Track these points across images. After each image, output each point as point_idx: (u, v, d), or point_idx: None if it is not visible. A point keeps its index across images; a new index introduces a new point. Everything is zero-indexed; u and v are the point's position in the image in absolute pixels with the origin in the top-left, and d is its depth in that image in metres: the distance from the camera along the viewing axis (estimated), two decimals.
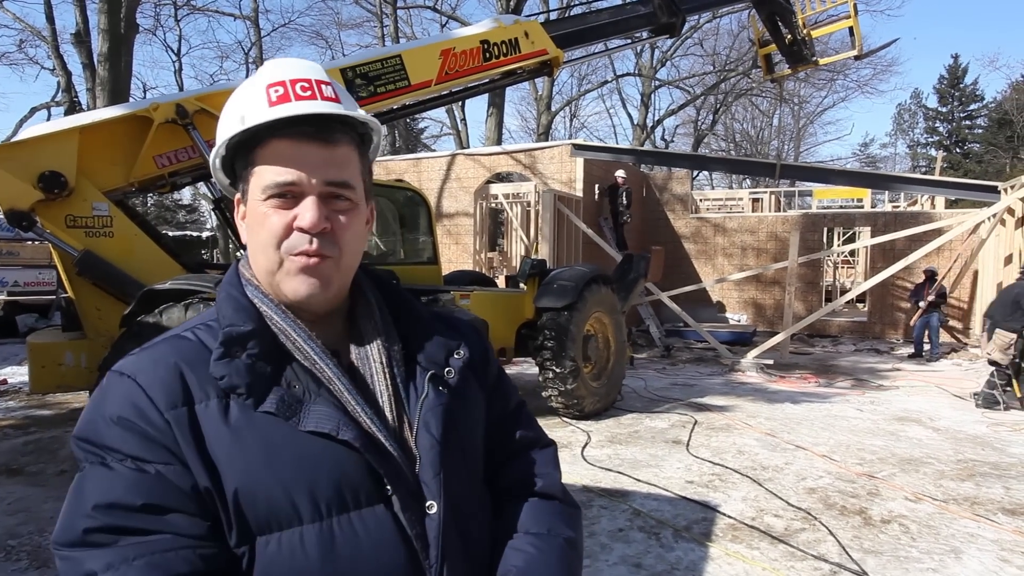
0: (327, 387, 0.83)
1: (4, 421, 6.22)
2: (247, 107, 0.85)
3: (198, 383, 0.80)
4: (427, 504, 0.84)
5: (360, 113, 0.90)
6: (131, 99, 12.97)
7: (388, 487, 0.82)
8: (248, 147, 0.85)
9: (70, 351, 4.72)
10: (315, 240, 0.83)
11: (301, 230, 0.82)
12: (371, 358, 0.90)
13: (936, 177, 13.59)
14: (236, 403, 0.79)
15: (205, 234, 26.43)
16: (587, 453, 5.24)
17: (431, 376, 0.92)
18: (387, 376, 0.90)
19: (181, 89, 26.32)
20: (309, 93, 0.85)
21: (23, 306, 12.16)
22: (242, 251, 0.95)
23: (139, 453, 0.76)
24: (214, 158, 0.91)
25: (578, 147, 12.56)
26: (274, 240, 0.83)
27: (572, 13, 7.53)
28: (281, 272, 0.84)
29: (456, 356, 0.96)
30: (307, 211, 0.82)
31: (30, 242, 11.50)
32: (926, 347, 10.84)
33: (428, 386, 0.91)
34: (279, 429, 0.79)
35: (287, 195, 0.82)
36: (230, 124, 0.87)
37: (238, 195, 0.90)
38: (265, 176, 0.83)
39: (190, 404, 0.79)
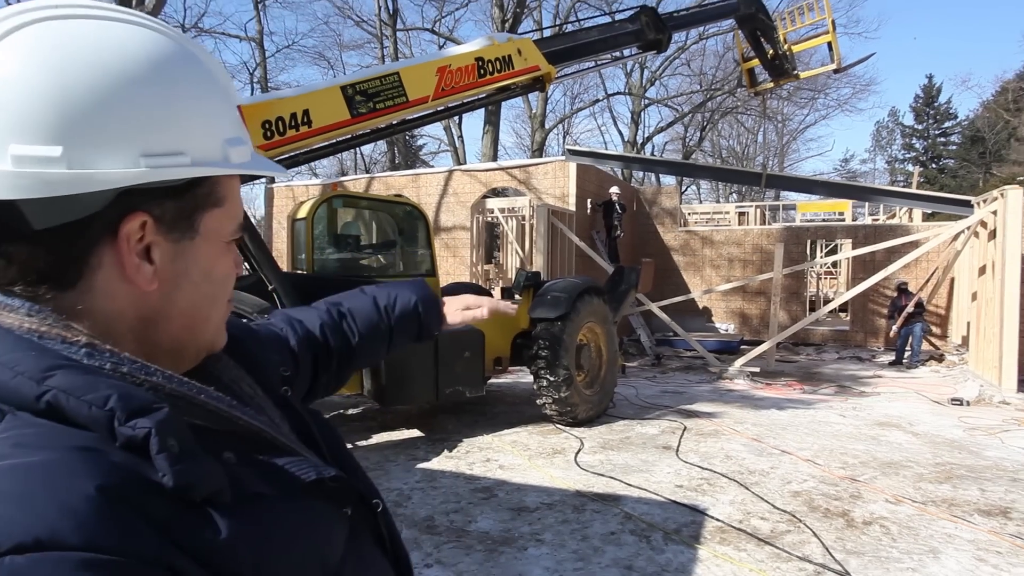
0: (263, 440, 0.65)
1: None
2: (234, 127, 0.65)
3: (150, 504, 0.51)
4: (373, 503, 0.79)
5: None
6: None
7: (347, 508, 0.71)
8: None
9: None
10: None
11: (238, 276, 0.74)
12: (247, 394, 0.74)
13: (913, 190, 13.71)
14: (209, 507, 0.54)
15: None
16: (580, 459, 5.24)
17: (287, 394, 0.83)
18: (271, 405, 0.76)
19: None
20: None
21: None
22: (6, 303, 0.56)
23: None
24: (182, 173, 0.58)
25: (572, 152, 12.66)
26: (230, 286, 0.70)
27: (564, 31, 7.59)
28: (220, 322, 0.70)
29: (284, 371, 0.88)
30: (238, 255, 0.73)
31: None
32: (907, 354, 10.90)
33: (295, 403, 0.82)
34: (270, 508, 0.60)
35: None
36: (227, 142, 0.63)
37: (144, 215, 0.57)
38: (235, 217, 0.67)
39: (169, 534, 0.51)
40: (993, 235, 8.49)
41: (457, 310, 1.17)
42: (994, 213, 8.46)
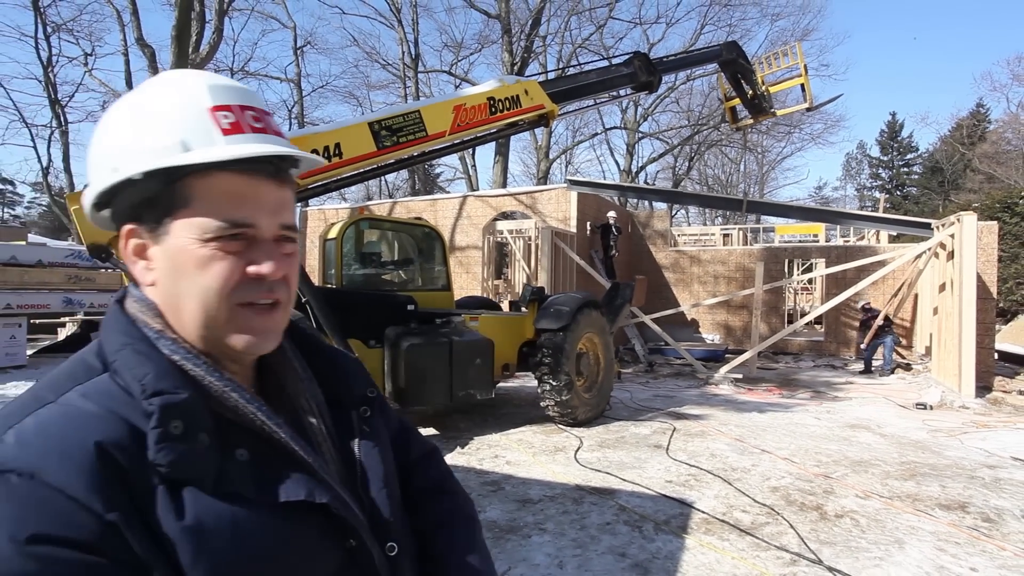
0: (280, 448, 0.64)
1: None
2: (188, 131, 0.62)
3: (136, 471, 0.54)
4: (388, 546, 0.71)
5: (316, 158, 0.71)
6: None
7: (351, 541, 0.66)
8: (173, 176, 0.61)
9: None
10: (273, 287, 0.65)
11: (261, 278, 0.64)
12: (302, 408, 0.72)
13: (880, 214, 13.64)
14: (188, 492, 0.56)
15: None
16: (579, 456, 5.22)
17: (357, 417, 0.77)
18: (322, 423, 0.73)
19: None
20: (261, 125, 0.66)
21: (97, 324, 12.28)
22: (132, 293, 0.68)
23: None
24: (108, 182, 0.63)
25: (573, 183, 12.71)
26: (225, 288, 0.62)
27: (566, 74, 7.63)
28: (230, 323, 0.63)
29: (371, 393, 0.81)
30: (269, 258, 0.64)
31: (103, 270, 11.63)
32: (876, 363, 10.79)
33: (358, 427, 0.76)
34: (244, 511, 0.58)
35: (238, 238, 0.63)
36: (162, 148, 0.61)
37: (131, 226, 0.64)
38: (212, 215, 0.62)
39: (137, 500, 0.54)
40: (951, 256, 8.43)
41: None
42: (952, 236, 8.41)
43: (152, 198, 0.62)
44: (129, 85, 19.65)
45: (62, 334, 13.28)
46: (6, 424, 0.54)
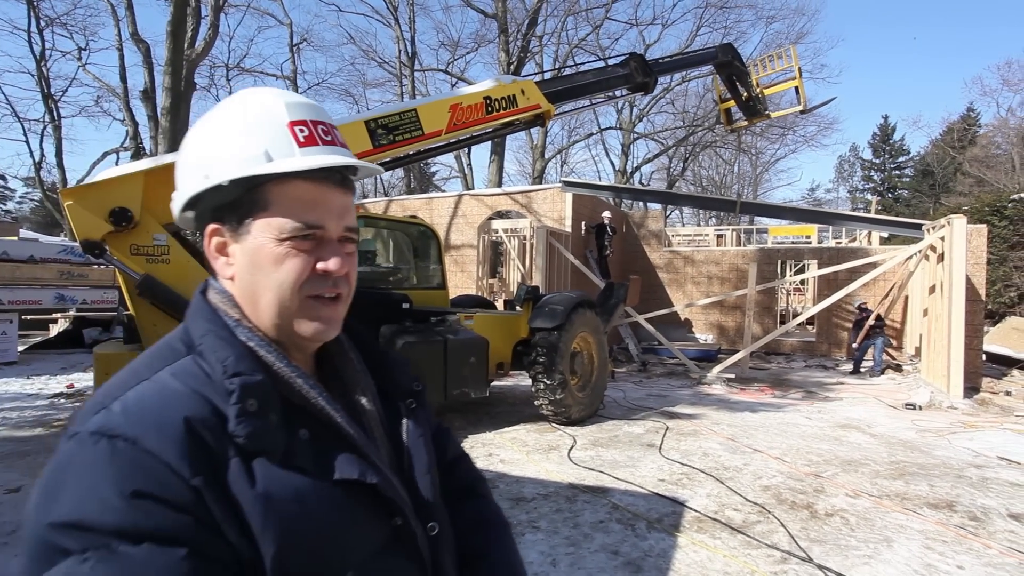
0: (336, 431, 0.70)
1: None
2: (270, 143, 0.70)
3: (216, 443, 0.62)
4: (429, 526, 0.77)
5: (375, 167, 0.79)
6: None
7: (397, 519, 0.73)
8: (255, 183, 0.69)
9: (131, 360, 4.72)
10: (337, 282, 0.73)
11: (328, 273, 0.72)
12: (358, 395, 0.80)
13: (872, 215, 13.72)
14: (259, 463, 0.63)
15: None
16: (573, 455, 5.23)
17: (405, 407, 0.84)
18: (376, 411, 0.80)
19: None
20: (330, 138, 0.74)
21: (89, 321, 12.18)
22: (213, 285, 0.76)
23: (169, 531, 0.56)
24: (200, 188, 0.71)
25: (567, 183, 12.70)
26: (297, 282, 0.70)
27: (562, 74, 7.62)
28: (300, 313, 0.71)
29: (417, 386, 0.88)
30: (335, 256, 0.72)
31: (96, 266, 11.56)
32: (867, 364, 10.86)
33: (407, 416, 0.83)
34: (307, 484, 0.65)
35: (309, 238, 0.70)
36: (248, 158, 0.69)
37: (214, 225, 0.72)
38: (288, 217, 0.69)
39: (216, 469, 0.61)
40: (941, 258, 8.50)
41: None
42: (942, 239, 8.48)
43: (234, 201, 0.71)
44: (123, 80, 19.52)
45: (54, 330, 13.17)
46: (112, 395, 0.64)
